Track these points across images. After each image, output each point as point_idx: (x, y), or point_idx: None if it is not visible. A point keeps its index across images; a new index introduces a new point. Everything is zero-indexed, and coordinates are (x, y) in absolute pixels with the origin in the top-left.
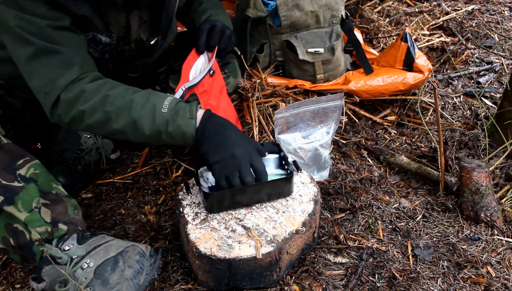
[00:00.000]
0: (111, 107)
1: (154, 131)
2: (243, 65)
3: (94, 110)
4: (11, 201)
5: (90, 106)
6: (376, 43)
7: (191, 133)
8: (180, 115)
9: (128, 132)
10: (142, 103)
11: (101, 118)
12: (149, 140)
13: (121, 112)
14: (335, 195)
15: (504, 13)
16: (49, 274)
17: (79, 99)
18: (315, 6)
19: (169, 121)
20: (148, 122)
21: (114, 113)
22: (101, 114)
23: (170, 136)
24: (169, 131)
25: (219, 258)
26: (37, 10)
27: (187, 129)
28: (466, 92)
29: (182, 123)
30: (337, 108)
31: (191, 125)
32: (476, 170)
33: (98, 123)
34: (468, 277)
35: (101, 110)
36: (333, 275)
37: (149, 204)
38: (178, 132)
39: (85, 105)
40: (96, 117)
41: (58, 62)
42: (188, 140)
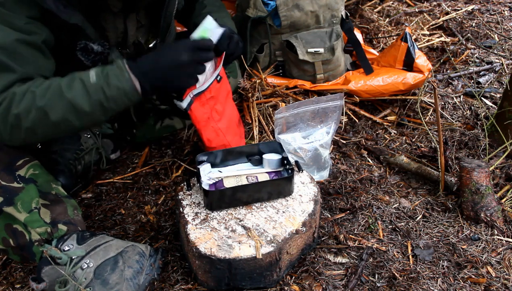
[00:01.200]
0: (42, 101)
1: (95, 104)
2: (243, 65)
3: (27, 111)
4: (11, 202)
5: (23, 108)
6: (376, 43)
7: (131, 87)
8: (111, 76)
9: (70, 118)
10: (69, 84)
11: (37, 116)
12: (95, 117)
13: (54, 102)
14: (335, 195)
15: (504, 13)
16: (48, 275)
17: (11, 105)
18: (315, 6)
19: (103, 87)
20: (83, 98)
21: (47, 106)
22: (36, 112)
23: (113, 101)
24: (108, 96)
25: (219, 258)
26: (15, 22)
27: (125, 85)
28: (466, 92)
29: (117, 81)
30: (337, 108)
31: (126, 79)
32: (476, 170)
33: (37, 122)
34: (468, 277)
35: (34, 107)
36: (333, 275)
37: (149, 204)
38: (119, 92)
39: (18, 109)
40: (32, 116)
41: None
42: (133, 95)
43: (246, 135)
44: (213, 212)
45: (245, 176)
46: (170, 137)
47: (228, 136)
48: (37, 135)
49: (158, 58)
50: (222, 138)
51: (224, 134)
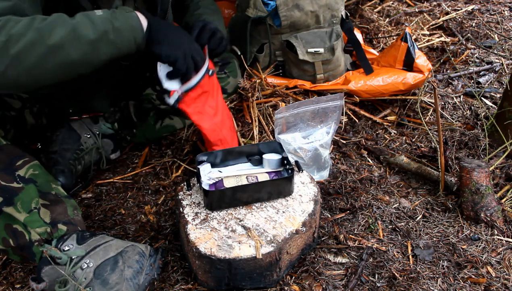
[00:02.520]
0: (41, 24)
1: (100, 33)
2: (243, 65)
3: (21, 33)
4: (11, 202)
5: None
6: (376, 43)
7: (139, 24)
8: (119, 13)
9: (68, 45)
10: (72, 16)
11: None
12: (94, 48)
13: (55, 25)
14: (335, 195)
15: (504, 13)
16: (48, 274)
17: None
18: (315, 6)
19: (111, 19)
20: (89, 26)
21: (47, 28)
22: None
23: (119, 33)
24: (116, 27)
25: (219, 258)
26: None
27: (133, 21)
28: (466, 92)
29: (126, 16)
30: (337, 108)
31: (134, 17)
32: (476, 170)
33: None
34: (468, 277)
35: (30, 30)
36: (333, 275)
37: (149, 204)
38: (126, 25)
39: (10, 32)
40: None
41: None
42: (139, 33)
43: (246, 136)
44: (213, 212)
45: (245, 176)
46: (170, 137)
47: (224, 130)
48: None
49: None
50: (218, 133)
51: (220, 129)
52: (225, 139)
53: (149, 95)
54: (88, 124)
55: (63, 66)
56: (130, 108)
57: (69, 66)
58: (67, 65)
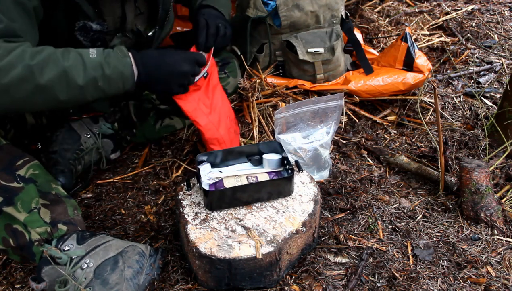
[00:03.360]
0: (33, 61)
1: (89, 79)
2: (243, 65)
3: (11, 66)
4: (11, 202)
5: (7, 62)
6: (376, 43)
7: (130, 72)
8: (112, 57)
9: (57, 87)
10: (67, 54)
11: (21, 73)
12: (82, 93)
13: (47, 64)
14: (335, 195)
15: (504, 13)
16: (48, 274)
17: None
18: (315, 6)
19: (103, 65)
20: (80, 70)
21: (38, 66)
22: (21, 69)
23: (108, 81)
24: (106, 74)
25: (219, 258)
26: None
27: (124, 68)
28: (466, 92)
29: (117, 63)
30: (337, 108)
31: (127, 63)
32: (476, 170)
33: (17, 81)
34: (468, 277)
35: (21, 65)
36: (333, 275)
37: (149, 204)
38: (116, 73)
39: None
40: (15, 73)
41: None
42: (128, 81)
43: (246, 136)
44: (213, 212)
45: (245, 176)
46: (170, 137)
47: (220, 129)
48: (9, 98)
49: (162, 57)
50: (214, 132)
51: (216, 128)
52: (222, 140)
53: (149, 95)
54: (88, 124)
55: (50, 103)
56: (130, 108)
57: (56, 104)
58: (54, 102)
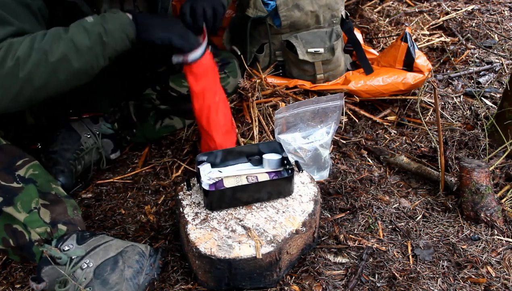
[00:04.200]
0: (41, 43)
1: (95, 37)
2: (243, 65)
3: (26, 54)
4: (10, 202)
5: (22, 51)
6: (376, 43)
7: (128, 21)
8: (107, 15)
9: (70, 56)
10: (66, 29)
11: (36, 57)
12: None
13: (54, 41)
14: (335, 195)
15: (504, 13)
16: (48, 274)
17: (9, 51)
18: (315, 6)
19: (102, 23)
20: (83, 34)
21: (47, 45)
22: (35, 54)
23: (111, 35)
24: (107, 29)
25: (219, 258)
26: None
27: (122, 19)
28: (466, 92)
29: (114, 17)
30: (337, 108)
31: (122, 15)
32: (476, 170)
33: (35, 66)
34: (468, 277)
35: (33, 49)
36: (333, 275)
37: (149, 204)
38: (117, 25)
39: (17, 53)
40: (31, 60)
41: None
42: (130, 29)
43: (246, 136)
44: (213, 212)
45: (245, 176)
46: (170, 137)
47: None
48: (32, 87)
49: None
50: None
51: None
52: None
53: (149, 95)
54: (88, 124)
55: (69, 76)
56: (130, 108)
57: (75, 75)
58: (73, 74)
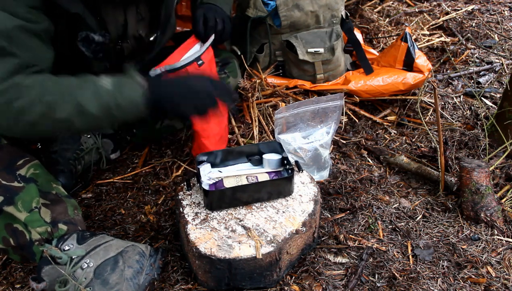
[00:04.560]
0: (50, 96)
1: (103, 109)
2: (243, 65)
3: (33, 103)
4: (11, 201)
5: (29, 100)
6: (376, 43)
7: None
8: (125, 85)
9: (74, 119)
10: (81, 84)
11: (42, 110)
12: (98, 122)
13: (63, 98)
14: (335, 195)
15: (504, 13)
16: (49, 274)
17: (17, 96)
18: (315, 6)
19: (115, 94)
20: (93, 100)
21: (55, 101)
22: (41, 106)
23: (121, 109)
24: (118, 103)
25: (219, 258)
26: (15, 10)
27: (136, 94)
28: (466, 92)
29: (130, 92)
30: (337, 108)
31: (138, 90)
32: (476, 170)
33: (40, 117)
34: (468, 277)
35: (40, 101)
36: (333, 275)
37: (149, 204)
38: (128, 101)
39: (23, 100)
40: (36, 110)
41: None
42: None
43: (246, 136)
44: (213, 212)
45: (245, 176)
46: (170, 137)
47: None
48: (35, 130)
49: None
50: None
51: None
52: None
53: None
54: None
55: (68, 131)
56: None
57: (73, 131)
58: (72, 130)
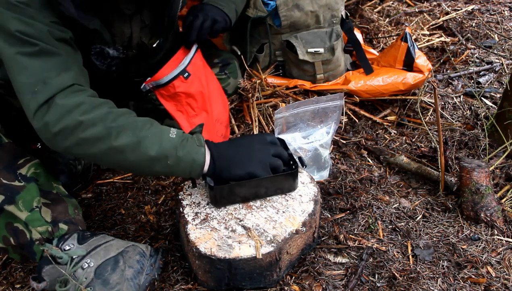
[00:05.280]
0: (114, 123)
1: (161, 154)
2: (243, 65)
3: (93, 123)
4: (12, 200)
5: (90, 118)
6: (376, 43)
7: (201, 161)
8: (189, 142)
9: (128, 151)
10: (148, 126)
11: (99, 133)
12: (149, 164)
13: (125, 130)
14: (335, 195)
15: (504, 13)
16: (49, 274)
17: (77, 109)
18: (315, 6)
19: (178, 147)
20: (154, 144)
21: (116, 130)
22: (101, 129)
23: (177, 162)
24: (178, 156)
25: (219, 258)
26: (40, 19)
27: (197, 156)
28: (466, 92)
29: (192, 149)
30: (337, 108)
31: (201, 152)
32: (476, 170)
33: (94, 139)
34: (468, 277)
35: (102, 124)
36: (333, 275)
37: (149, 204)
38: (188, 158)
39: (84, 117)
40: (94, 131)
41: (55, 63)
42: (196, 169)
43: None
44: (219, 208)
45: None
46: None
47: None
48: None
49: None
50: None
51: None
52: None
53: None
54: None
55: (117, 164)
56: (130, 108)
57: (122, 166)
58: (121, 164)
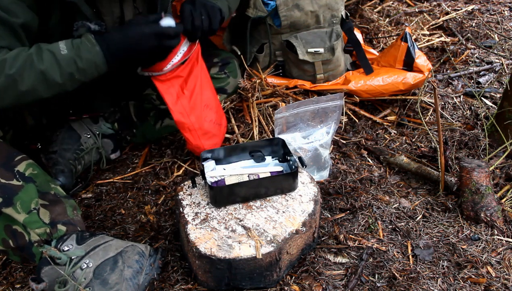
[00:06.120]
0: (12, 69)
1: (66, 75)
2: (243, 65)
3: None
4: (10, 202)
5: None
6: (376, 43)
7: (102, 59)
8: (82, 49)
9: (39, 88)
10: (39, 55)
11: (6, 83)
12: (62, 87)
13: (25, 70)
14: (335, 195)
15: (504, 13)
16: (48, 275)
17: None
18: (315, 6)
19: (75, 60)
20: (55, 69)
21: (17, 74)
22: (5, 79)
23: (83, 72)
24: (80, 68)
25: (219, 258)
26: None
27: (96, 57)
28: (466, 92)
29: (88, 55)
30: (337, 108)
31: (97, 52)
32: (476, 170)
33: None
34: (468, 277)
35: (3, 74)
36: (333, 275)
37: (149, 204)
38: (90, 65)
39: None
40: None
41: None
42: (102, 67)
43: (246, 136)
44: (218, 207)
45: (246, 174)
46: (170, 137)
47: (191, 117)
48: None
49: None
50: (183, 116)
51: (187, 113)
52: (193, 127)
53: (149, 95)
54: (88, 124)
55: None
56: (130, 108)
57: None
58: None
